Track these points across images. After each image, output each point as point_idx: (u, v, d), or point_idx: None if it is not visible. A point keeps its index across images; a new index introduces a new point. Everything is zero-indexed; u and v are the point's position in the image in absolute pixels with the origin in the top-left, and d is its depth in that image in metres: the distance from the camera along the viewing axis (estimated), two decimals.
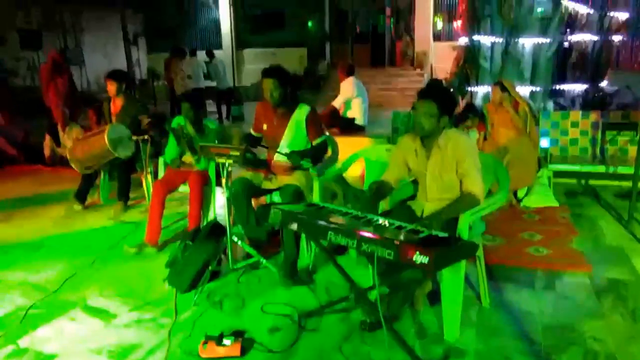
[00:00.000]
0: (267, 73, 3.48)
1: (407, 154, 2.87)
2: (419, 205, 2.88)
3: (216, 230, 3.40)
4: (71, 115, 6.77)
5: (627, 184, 4.77)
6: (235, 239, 3.37)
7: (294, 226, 2.40)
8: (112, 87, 4.90)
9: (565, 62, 7.09)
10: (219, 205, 4.33)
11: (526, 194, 4.82)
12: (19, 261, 3.77)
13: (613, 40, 7.05)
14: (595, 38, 6.94)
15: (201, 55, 11.45)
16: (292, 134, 3.54)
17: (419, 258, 1.90)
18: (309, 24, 16.20)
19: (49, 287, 3.31)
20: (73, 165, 4.82)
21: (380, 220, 2.28)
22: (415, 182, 3.01)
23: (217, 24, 17.22)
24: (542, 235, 3.99)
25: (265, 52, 16.47)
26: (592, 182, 5.39)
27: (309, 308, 2.90)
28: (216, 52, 11.75)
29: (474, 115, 5.30)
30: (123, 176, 4.95)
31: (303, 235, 3.30)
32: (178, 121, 4.22)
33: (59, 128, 6.63)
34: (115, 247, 3.98)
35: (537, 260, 3.54)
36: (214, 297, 3.10)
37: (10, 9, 15.37)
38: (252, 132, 3.79)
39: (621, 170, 4.87)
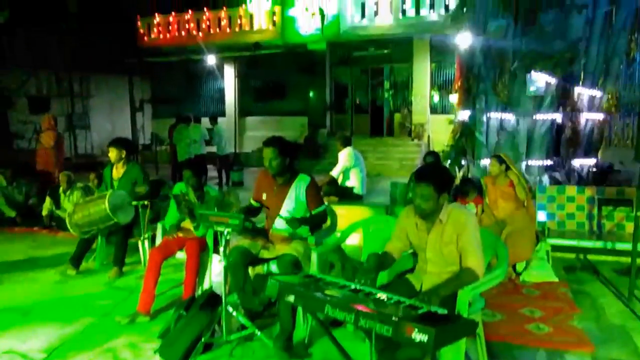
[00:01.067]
0: (267, 142, 3.57)
1: (408, 227, 2.88)
2: (418, 279, 2.86)
3: (211, 300, 3.35)
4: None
5: (625, 259, 4.74)
6: (230, 309, 3.31)
7: (291, 298, 2.37)
8: (113, 154, 4.98)
9: (559, 138, 7.29)
10: (215, 273, 4.29)
11: (525, 268, 4.78)
12: (7, 327, 3.68)
13: (604, 119, 7.27)
14: (588, 116, 7.17)
15: (204, 121, 11.75)
16: (291, 204, 3.57)
17: (418, 336, 1.86)
18: (310, 94, 16.78)
19: (36, 356, 3.21)
20: (71, 230, 4.82)
21: (379, 294, 2.26)
22: (414, 254, 3.01)
23: (221, 93, 17.83)
24: (543, 311, 3.92)
25: (267, 120, 16.93)
26: (590, 257, 5.36)
27: None
28: (220, 119, 12.07)
29: (472, 188, 5.36)
30: (120, 241, 4.93)
31: (299, 307, 3.24)
32: (180, 187, 4.27)
33: (61, 191, 6.68)
34: (107, 315, 3.89)
35: (538, 338, 3.46)
36: None
37: (20, 74, 15.94)
38: (251, 201, 3.82)
39: (619, 246, 4.87)
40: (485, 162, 7.32)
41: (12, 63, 15.19)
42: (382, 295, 2.24)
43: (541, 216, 5.41)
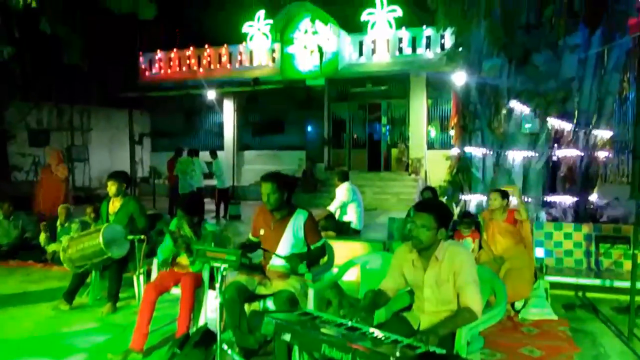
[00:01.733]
0: (265, 177, 3.59)
1: (403, 264, 2.87)
2: (415, 317, 2.84)
3: (206, 337, 3.29)
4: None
5: (624, 297, 4.71)
6: (225, 347, 3.25)
7: (287, 337, 2.35)
8: (113, 188, 4.94)
9: (554, 175, 7.33)
10: (211, 309, 4.23)
11: (524, 306, 4.73)
12: None
13: (599, 156, 7.34)
14: (582, 153, 7.24)
15: (203, 155, 11.86)
16: (289, 240, 3.56)
17: None
18: (308, 129, 16.98)
19: None
20: (65, 264, 4.77)
21: (376, 333, 2.24)
22: (411, 292, 2.99)
23: (220, 127, 18.03)
24: (542, 350, 3.87)
25: (265, 154, 17.07)
26: (589, 294, 5.32)
27: None
28: (218, 153, 12.19)
29: (470, 222, 5.33)
30: (115, 276, 4.87)
31: (296, 346, 3.19)
32: (176, 223, 4.26)
33: (58, 223, 6.66)
34: (99, 352, 3.82)
35: None
36: None
37: (23, 107, 16.09)
38: (250, 236, 3.82)
39: (617, 284, 4.84)
40: (482, 198, 7.35)
41: (15, 97, 15.37)
42: (380, 334, 2.22)
43: (539, 252, 5.39)
